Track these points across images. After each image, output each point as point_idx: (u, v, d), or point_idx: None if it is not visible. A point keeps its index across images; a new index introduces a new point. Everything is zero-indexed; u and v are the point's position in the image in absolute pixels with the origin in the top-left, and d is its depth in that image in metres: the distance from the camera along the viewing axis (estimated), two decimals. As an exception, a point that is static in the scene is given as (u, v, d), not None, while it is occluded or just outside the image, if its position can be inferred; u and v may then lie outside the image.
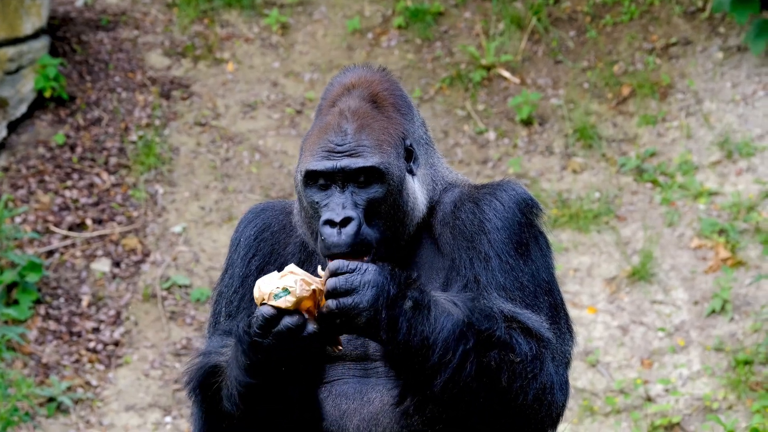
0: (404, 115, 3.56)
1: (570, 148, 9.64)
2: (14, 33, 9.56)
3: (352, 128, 3.46)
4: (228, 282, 3.69)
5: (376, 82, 3.57)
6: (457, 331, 3.20)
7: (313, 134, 3.51)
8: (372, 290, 3.17)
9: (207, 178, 9.55)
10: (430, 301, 3.22)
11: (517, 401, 3.27)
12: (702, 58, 9.92)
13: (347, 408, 3.46)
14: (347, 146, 3.44)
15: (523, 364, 3.26)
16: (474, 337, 3.22)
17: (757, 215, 8.75)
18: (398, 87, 3.60)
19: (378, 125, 3.48)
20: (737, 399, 7.88)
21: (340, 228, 3.37)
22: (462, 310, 3.24)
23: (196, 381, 3.45)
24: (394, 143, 3.49)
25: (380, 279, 3.18)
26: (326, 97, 3.59)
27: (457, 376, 3.21)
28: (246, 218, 3.73)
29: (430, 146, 3.66)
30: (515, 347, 3.27)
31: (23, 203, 9.20)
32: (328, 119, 3.50)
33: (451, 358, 3.19)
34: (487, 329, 3.24)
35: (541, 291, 3.48)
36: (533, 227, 3.53)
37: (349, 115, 3.48)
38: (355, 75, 3.59)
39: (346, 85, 3.57)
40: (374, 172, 3.43)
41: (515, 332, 3.29)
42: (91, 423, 8.10)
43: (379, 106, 3.53)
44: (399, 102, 3.57)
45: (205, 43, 10.43)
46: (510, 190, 3.53)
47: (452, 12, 10.61)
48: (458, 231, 3.50)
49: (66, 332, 8.59)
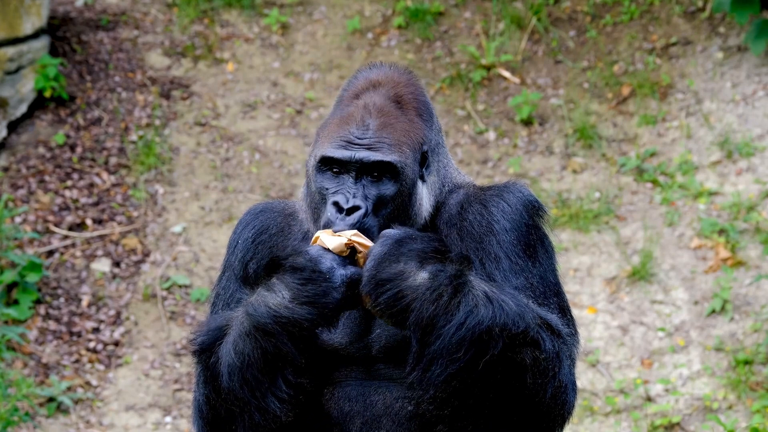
0: (425, 121, 3.57)
1: (570, 148, 9.65)
2: (14, 33, 9.56)
3: (375, 124, 3.46)
4: (225, 284, 3.69)
5: (402, 84, 3.57)
6: (477, 333, 3.20)
7: (333, 123, 3.51)
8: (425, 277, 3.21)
9: (207, 178, 9.55)
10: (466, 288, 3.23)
11: (536, 398, 3.27)
12: (702, 58, 9.92)
13: (350, 410, 3.45)
14: (368, 140, 3.44)
15: (546, 361, 3.27)
16: (502, 339, 3.21)
17: (757, 215, 8.75)
18: (422, 92, 3.61)
19: (400, 126, 3.49)
20: (737, 399, 7.88)
21: (346, 214, 3.38)
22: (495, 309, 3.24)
23: (203, 341, 3.42)
24: (413, 147, 3.49)
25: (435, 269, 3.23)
26: (349, 88, 3.59)
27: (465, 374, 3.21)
28: (244, 220, 3.72)
29: (443, 151, 3.67)
30: (541, 344, 3.27)
31: (23, 203, 9.20)
32: (350, 110, 3.50)
33: (462, 356, 3.20)
34: (523, 330, 3.23)
35: (550, 292, 3.49)
36: (539, 229, 3.54)
37: (373, 110, 3.48)
38: (382, 72, 3.60)
39: (372, 80, 3.57)
40: (390, 169, 3.43)
41: (541, 328, 3.30)
42: (91, 423, 8.10)
43: (402, 108, 3.53)
44: (421, 107, 3.57)
45: (205, 43, 10.42)
46: (516, 192, 3.54)
47: (452, 12, 10.62)
48: (466, 232, 3.51)
49: (66, 332, 8.59)
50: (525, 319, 3.24)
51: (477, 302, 3.21)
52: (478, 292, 3.22)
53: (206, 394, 3.42)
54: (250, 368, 3.30)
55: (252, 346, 3.28)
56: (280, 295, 3.26)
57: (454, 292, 3.20)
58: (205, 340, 3.40)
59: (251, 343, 3.28)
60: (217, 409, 3.39)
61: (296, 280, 3.25)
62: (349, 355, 3.46)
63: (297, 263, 3.25)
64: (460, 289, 3.20)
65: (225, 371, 3.33)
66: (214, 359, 3.37)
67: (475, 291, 3.22)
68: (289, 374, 3.30)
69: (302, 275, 3.25)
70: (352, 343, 3.45)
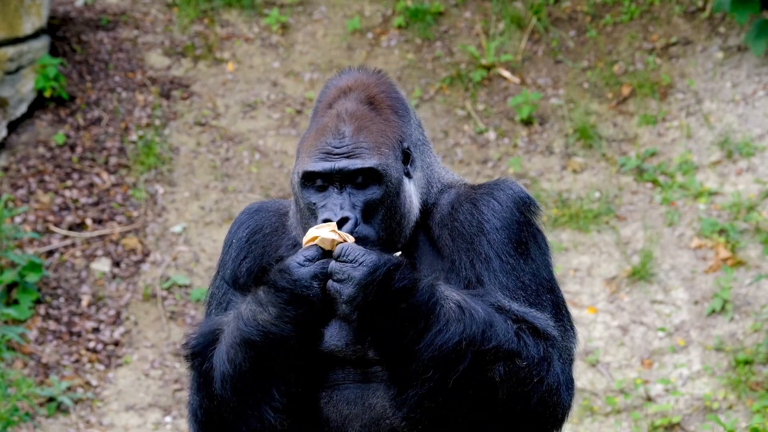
0: (401, 117, 3.55)
1: (570, 148, 9.64)
2: (14, 33, 9.56)
3: (350, 130, 3.45)
4: (219, 283, 3.69)
5: (372, 85, 3.56)
6: (446, 349, 3.20)
7: (310, 137, 3.50)
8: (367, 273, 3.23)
9: (207, 178, 9.55)
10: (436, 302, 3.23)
11: (518, 407, 3.26)
12: (702, 58, 9.92)
13: (348, 413, 3.45)
14: (345, 148, 3.43)
15: (528, 369, 3.25)
16: (472, 356, 3.21)
17: (757, 215, 8.75)
18: (395, 89, 3.59)
19: (376, 128, 3.47)
20: (737, 399, 7.88)
21: (338, 227, 3.36)
22: (467, 323, 3.23)
23: (196, 345, 3.43)
24: (392, 146, 3.48)
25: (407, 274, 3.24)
26: (322, 99, 3.58)
27: (435, 393, 3.22)
28: (239, 219, 3.72)
29: (426, 148, 3.65)
30: (522, 351, 3.26)
31: (23, 203, 9.20)
32: (325, 121, 3.49)
33: (432, 376, 3.20)
34: (494, 346, 3.23)
35: (543, 289, 3.47)
36: (531, 225, 3.52)
37: (347, 117, 3.47)
38: (351, 78, 3.58)
39: (342, 87, 3.56)
40: (372, 174, 3.42)
41: (524, 333, 3.28)
42: (91, 423, 8.10)
43: (376, 109, 3.52)
44: (396, 104, 3.56)
45: (205, 43, 10.42)
46: (507, 189, 3.53)
47: (452, 12, 10.61)
48: (457, 232, 3.49)
49: (66, 332, 8.60)
50: (495, 331, 3.24)
51: (449, 318, 3.22)
52: (451, 304, 3.24)
53: (199, 398, 3.43)
54: (242, 378, 3.31)
55: (243, 356, 3.30)
56: (267, 311, 3.28)
57: (427, 315, 3.21)
58: (197, 344, 3.41)
59: (242, 354, 3.30)
60: (212, 414, 3.39)
61: (280, 300, 3.26)
62: (345, 358, 3.45)
63: (279, 284, 3.27)
64: (432, 310, 3.21)
65: (218, 379, 3.34)
66: (207, 365, 3.38)
67: (448, 305, 3.24)
68: (282, 384, 3.32)
69: (284, 297, 3.26)
70: (347, 345, 3.44)
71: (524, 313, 3.34)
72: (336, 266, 3.23)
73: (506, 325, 3.26)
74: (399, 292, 3.20)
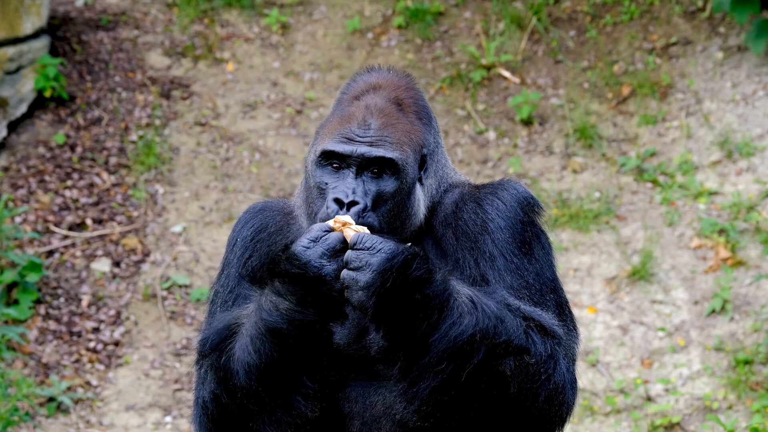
0: (425, 125, 3.58)
1: (570, 148, 9.65)
2: (14, 33, 9.56)
3: (377, 123, 3.47)
4: (224, 282, 3.69)
5: (402, 87, 3.59)
6: (460, 341, 3.20)
7: (334, 121, 3.51)
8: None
9: (207, 178, 9.55)
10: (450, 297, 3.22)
11: (526, 404, 3.27)
12: (702, 58, 9.92)
13: (350, 411, 3.45)
14: (369, 138, 3.45)
15: (537, 365, 3.26)
16: (485, 349, 3.21)
17: (757, 215, 8.75)
18: (422, 96, 3.63)
19: (401, 127, 3.49)
20: (737, 399, 7.88)
21: (346, 209, 3.38)
22: (480, 317, 3.23)
23: (213, 341, 3.41)
24: (414, 148, 3.50)
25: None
26: (348, 91, 3.60)
27: (448, 386, 3.21)
28: (243, 218, 3.72)
29: (441, 153, 3.67)
30: (531, 348, 3.26)
31: (23, 203, 9.20)
32: (351, 110, 3.51)
33: (445, 368, 3.19)
34: (505, 341, 3.23)
35: (547, 289, 3.48)
36: (535, 226, 3.53)
37: (375, 111, 3.49)
38: (382, 76, 3.61)
39: (372, 83, 3.58)
40: (392, 165, 3.44)
41: (532, 331, 3.29)
42: (91, 423, 8.10)
43: (403, 111, 3.54)
44: (421, 112, 3.59)
45: (205, 43, 10.43)
46: (511, 189, 3.54)
47: (452, 12, 10.61)
48: (461, 231, 3.50)
49: (66, 332, 8.59)
50: (506, 326, 3.24)
51: (462, 311, 3.21)
52: (464, 298, 3.23)
53: (215, 392, 3.40)
54: (271, 368, 3.29)
55: (270, 346, 3.28)
56: (287, 300, 3.25)
57: (441, 307, 3.20)
58: (215, 339, 3.40)
59: (269, 344, 3.28)
60: (228, 407, 3.38)
61: (297, 286, 3.25)
62: (348, 355, 3.45)
63: (291, 271, 3.25)
64: (447, 302, 3.20)
65: (241, 370, 3.32)
66: (225, 359, 3.37)
67: (461, 298, 3.23)
68: (313, 370, 3.30)
69: (299, 282, 3.25)
70: (350, 343, 3.45)
71: (531, 312, 3.34)
72: (352, 255, 3.20)
73: (516, 322, 3.27)
74: (416, 281, 3.18)
